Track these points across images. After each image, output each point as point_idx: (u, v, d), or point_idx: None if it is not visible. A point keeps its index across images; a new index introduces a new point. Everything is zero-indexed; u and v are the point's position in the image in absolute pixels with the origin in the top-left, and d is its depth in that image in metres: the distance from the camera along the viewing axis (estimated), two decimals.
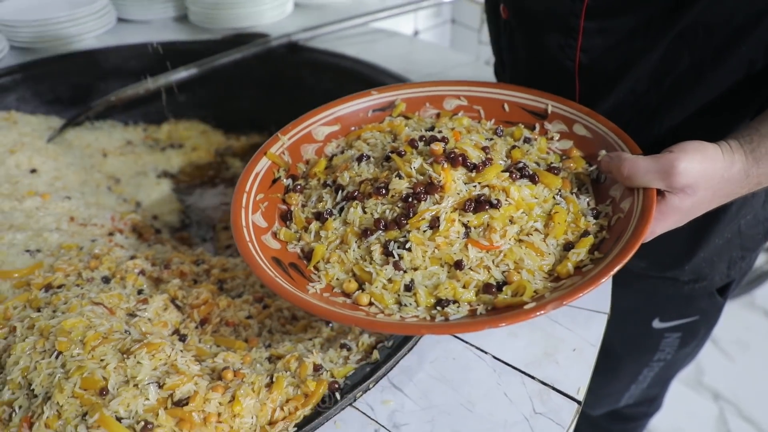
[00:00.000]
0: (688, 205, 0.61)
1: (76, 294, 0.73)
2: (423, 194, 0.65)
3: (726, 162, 0.59)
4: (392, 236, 0.65)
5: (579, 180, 0.71)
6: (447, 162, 0.67)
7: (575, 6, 0.72)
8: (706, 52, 0.67)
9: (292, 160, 0.79)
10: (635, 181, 0.61)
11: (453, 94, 0.83)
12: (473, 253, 0.62)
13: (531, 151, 0.73)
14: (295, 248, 0.70)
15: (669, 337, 0.99)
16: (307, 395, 0.62)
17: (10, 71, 1.34)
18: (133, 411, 0.56)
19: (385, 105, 0.85)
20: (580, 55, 0.75)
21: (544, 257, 0.63)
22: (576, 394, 0.63)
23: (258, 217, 0.70)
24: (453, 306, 0.59)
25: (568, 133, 0.76)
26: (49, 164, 1.16)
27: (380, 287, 0.62)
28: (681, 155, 0.58)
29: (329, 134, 0.83)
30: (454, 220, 0.63)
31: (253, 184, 0.73)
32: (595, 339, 0.70)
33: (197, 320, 0.76)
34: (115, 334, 0.64)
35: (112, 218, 1.05)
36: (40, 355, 0.62)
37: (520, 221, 0.64)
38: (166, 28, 1.61)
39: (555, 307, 0.53)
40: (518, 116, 0.80)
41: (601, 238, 0.64)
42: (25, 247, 0.86)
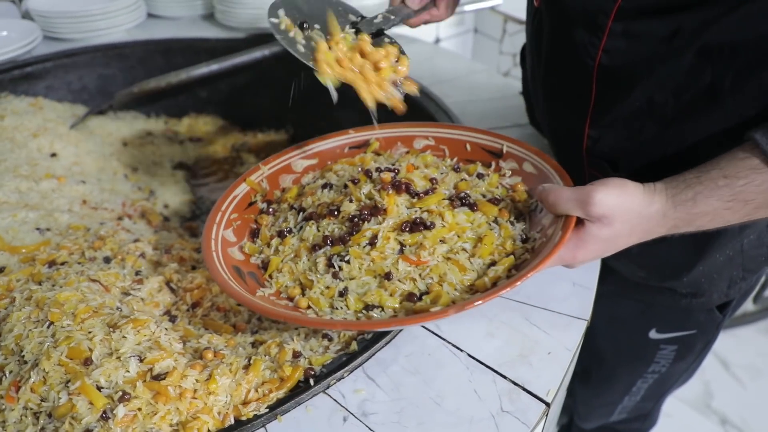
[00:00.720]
0: (606, 234, 0.65)
1: (77, 271, 0.76)
2: (368, 216, 0.74)
3: (645, 200, 0.64)
4: (336, 251, 0.73)
5: (518, 210, 0.77)
6: (392, 189, 0.76)
7: (608, 4, 0.71)
8: (728, 72, 0.67)
9: (270, 188, 0.88)
10: (558, 208, 0.67)
11: (422, 135, 0.92)
12: (403, 266, 0.69)
13: (480, 184, 0.80)
14: (257, 260, 0.78)
15: (665, 349, 0.99)
16: (282, 379, 0.64)
17: (42, 60, 1.40)
18: (113, 381, 0.59)
19: (360, 143, 0.93)
20: (602, 55, 0.75)
21: (466, 273, 0.69)
22: (545, 395, 0.64)
23: (229, 232, 0.79)
24: (377, 310, 0.67)
25: (519, 171, 0.83)
26: (70, 150, 1.20)
27: (318, 293, 0.70)
28: (599, 187, 0.63)
29: (307, 167, 0.92)
30: (390, 238, 0.71)
31: (230, 204, 0.82)
32: (572, 344, 0.71)
33: (189, 303, 0.78)
34: (106, 309, 0.68)
35: (123, 204, 1.09)
36: (33, 324, 0.65)
37: (450, 242, 0.71)
38: (193, 25, 1.66)
39: (457, 310, 0.59)
40: (478, 155, 0.88)
41: (523, 260, 0.70)
42: (36, 225, 0.90)
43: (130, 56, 1.51)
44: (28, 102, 1.30)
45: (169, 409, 0.58)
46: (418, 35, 1.66)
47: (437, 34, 2.10)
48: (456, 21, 2.15)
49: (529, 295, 0.77)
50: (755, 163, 0.60)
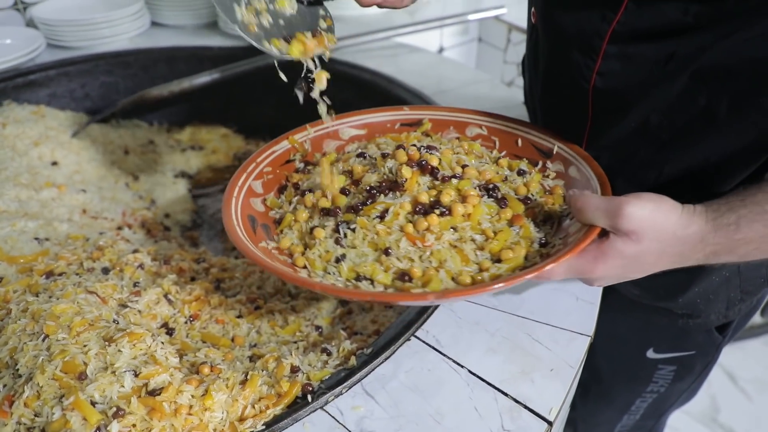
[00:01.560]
0: (632, 251, 0.60)
1: (74, 282, 0.76)
2: (386, 190, 0.72)
3: (682, 220, 0.59)
4: (347, 218, 0.71)
5: (548, 214, 0.73)
6: (417, 167, 0.73)
7: (602, 27, 0.71)
8: (723, 95, 0.66)
9: (312, 150, 0.86)
10: (584, 216, 0.62)
11: (476, 123, 0.89)
12: (404, 244, 0.67)
13: (516, 180, 0.77)
14: (275, 214, 0.78)
15: (663, 369, 0.97)
16: (279, 395, 0.63)
17: (45, 67, 1.40)
18: (107, 397, 0.58)
19: (413, 121, 0.90)
20: (596, 77, 0.75)
21: (468, 264, 0.66)
22: (548, 414, 0.63)
23: (257, 183, 0.79)
24: (366, 283, 0.65)
25: (563, 174, 0.79)
26: (71, 158, 1.20)
27: (316, 255, 0.69)
28: (633, 200, 0.58)
29: (354, 136, 0.90)
30: (400, 215, 0.69)
31: (267, 158, 0.82)
32: (575, 361, 0.69)
33: (187, 315, 0.78)
34: (102, 322, 0.67)
35: (123, 213, 1.08)
36: (28, 336, 0.64)
37: (461, 231, 0.68)
38: (196, 34, 1.66)
39: (435, 297, 0.59)
40: (528, 152, 0.84)
41: (532, 263, 0.66)
42: (34, 235, 0.90)
43: (133, 64, 1.51)
44: (30, 110, 1.30)
45: (164, 425, 0.57)
46: (422, 45, 1.65)
47: (441, 43, 2.10)
48: (460, 30, 2.15)
49: (531, 310, 0.76)
50: None
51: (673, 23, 0.65)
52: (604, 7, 0.70)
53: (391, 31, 1.50)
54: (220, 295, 0.83)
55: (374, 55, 1.49)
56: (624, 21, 0.69)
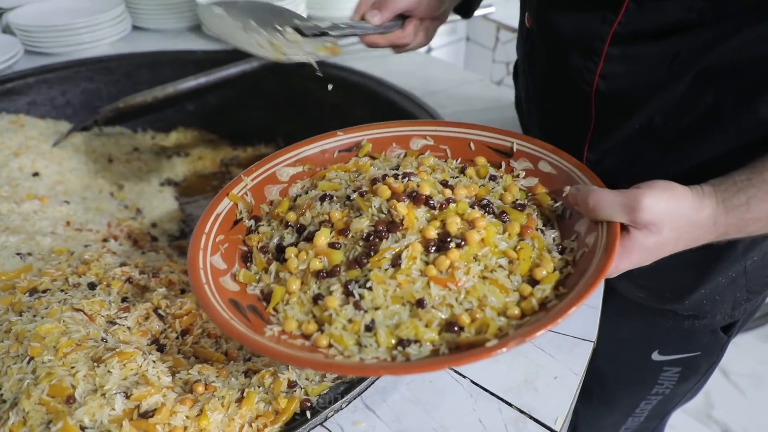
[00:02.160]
0: (653, 243, 0.59)
1: (59, 299, 0.73)
2: (385, 232, 0.64)
3: (694, 205, 0.58)
4: (353, 276, 0.63)
5: (544, 216, 0.70)
6: (409, 199, 0.67)
7: (603, 29, 0.69)
8: (730, 94, 0.65)
9: (256, 201, 0.77)
10: (600, 213, 0.60)
11: (419, 134, 0.83)
12: (435, 290, 0.60)
13: (496, 188, 0.73)
14: (254, 290, 0.68)
15: (668, 371, 0.96)
16: (277, 412, 0.61)
17: (23, 75, 1.36)
18: (98, 421, 0.56)
19: (351, 145, 0.84)
20: (599, 80, 0.73)
21: (508, 294, 0.61)
22: (553, 424, 0.61)
23: (217, 258, 0.68)
24: (415, 346, 0.57)
25: (534, 171, 0.75)
26: (53, 168, 1.17)
27: (340, 328, 0.60)
28: (647, 191, 0.57)
29: (294, 175, 0.81)
30: (416, 258, 0.62)
31: (213, 225, 0.71)
32: (579, 368, 0.68)
33: (178, 330, 0.75)
34: (90, 342, 0.64)
35: (108, 224, 1.05)
36: (12, 359, 0.62)
37: (484, 259, 0.63)
38: (179, 38, 1.63)
39: (518, 344, 0.52)
40: (484, 155, 0.80)
41: (566, 274, 0.62)
42: (16, 250, 0.87)
43: (116, 70, 1.48)
44: (8, 119, 1.26)
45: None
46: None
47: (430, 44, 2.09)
48: (448, 30, 2.14)
49: None
50: None
51: (676, 21, 0.64)
52: (605, 8, 0.69)
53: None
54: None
55: (363, 56, 1.47)
56: (625, 21, 0.68)
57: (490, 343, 0.53)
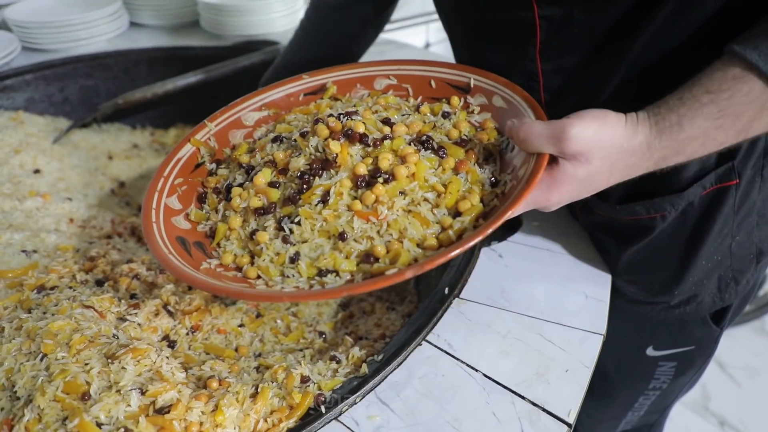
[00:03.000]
0: (583, 173, 0.59)
1: (68, 296, 0.73)
2: (319, 170, 0.67)
3: (627, 132, 0.58)
4: (287, 212, 0.66)
5: (487, 151, 0.71)
6: (344, 138, 0.68)
7: (529, 51, 0.73)
8: (663, 76, 0.66)
9: (219, 146, 0.79)
10: (529, 145, 0.61)
11: (383, 74, 0.84)
12: (358, 224, 0.63)
13: (445, 125, 0.74)
14: (204, 228, 0.72)
15: (664, 366, 0.97)
16: (292, 407, 0.61)
17: (21, 72, 1.35)
18: (113, 417, 0.56)
19: (316, 88, 0.85)
20: (544, 95, 0.76)
21: (429, 226, 0.63)
22: (567, 416, 0.62)
23: (173, 200, 0.72)
24: (332, 276, 0.61)
25: (488, 106, 0.76)
26: (54, 165, 1.16)
27: (267, 260, 0.64)
28: (575, 121, 0.57)
29: (259, 119, 0.83)
30: (343, 194, 0.65)
31: (173, 169, 0.75)
32: (589, 360, 0.68)
33: (188, 327, 0.75)
34: (102, 338, 0.64)
35: (111, 221, 1.05)
36: (25, 356, 0.61)
37: (411, 193, 0.65)
38: (177, 34, 1.62)
39: (415, 272, 0.55)
40: (444, 92, 0.80)
41: (492, 206, 0.63)
42: (21, 248, 0.86)
43: (113, 67, 1.47)
44: (7, 116, 1.25)
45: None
46: (408, 41, 1.64)
47: (427, 39, 2.08)
48: None
49: (541, 309, 0.75)
50: (736, 72, 0.55)
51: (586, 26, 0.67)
52: (525, 32, 0.72)
53: None
54: (219, 304, 0.81)
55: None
56: (545, 38, 0.71)
57: (390, 272, 0.57)
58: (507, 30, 0.74)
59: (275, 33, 1.60)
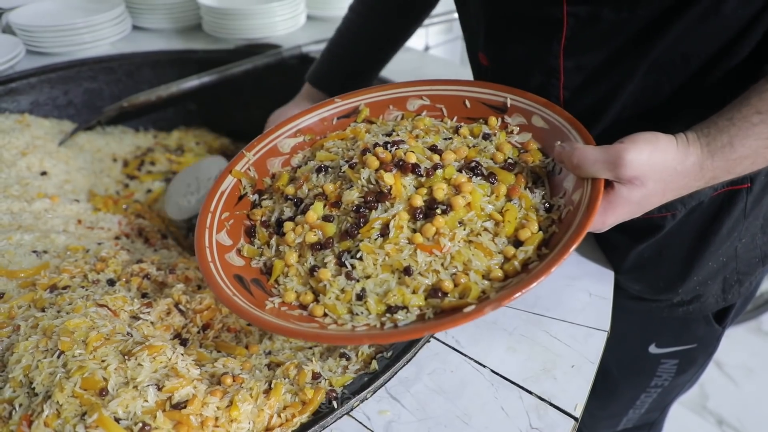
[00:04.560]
0: (638, 196, 0.60)
1: (81, 295, 0.74)
2: (374, 203, 0.66)
3: (679, 154, 0.59)
4: (345, 246, 0.66)
5: (535, 173, 0.71)
6: (396, 169, 0.68)
7: (553, 47, 0.73)
8: (684, 79, 0.68)
9: (259, 175, 0.79)
10: (584, 170, 0.61)
11: (415, 95, 0.83)
12: (422, 257, 0.62)
13: (488, 147, 0.73)
14: (258, 263, 0.71)
15: (666, 363, 0.98)
16: (304, 403, 0.62)
17: (26, 75, 1.36)
18: (131, 412, 0.57)
19: (349, 111, 0.84)
20: (564, 92, 0.77)
21: (492, 257, 0.63)
22: (573, 410, 0.63)
23: (222, 235, 0.71)
24: (402, 312, 0.60)
25: (527, 126, 0.75)
26: (60, 167, 1.17)
27: (333, 298, 0.64)
28: (630, 146, 0.58)
29: (295, 146, 0.83)
30: (403, 226, 0.64)
31: (218, 203, 0.74)
32: (594, 356, 0.70)
33: (199, 325, 0.76)
34: (117, 336, 0.65)
35: (119, 222, 1.06)
36: (42, 354, 0.62)
37: (470, 223, 0.64)
38: (180, 37, 1.64)
39: (494, 308, 0.54)
40: (479, 111, 0.80)
41: (551, 233, 0.63)
42: (32, 248, 0.87)
43: (117, 70, 1.48)
44: (13, 119, 1.26)
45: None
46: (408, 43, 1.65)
47: (426, 42, 2.10)
48: (444, 29, 2.15)
49: (546, 307, 0.76)
50: None
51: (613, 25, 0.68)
52: (550, 28, 0.72)
53: None
54: None
55: None
56: (570, 36, 0.72)
57: (468, 309, 0.56)
58: (533, 25, 0.74)
59: (277, 36, 1.62)
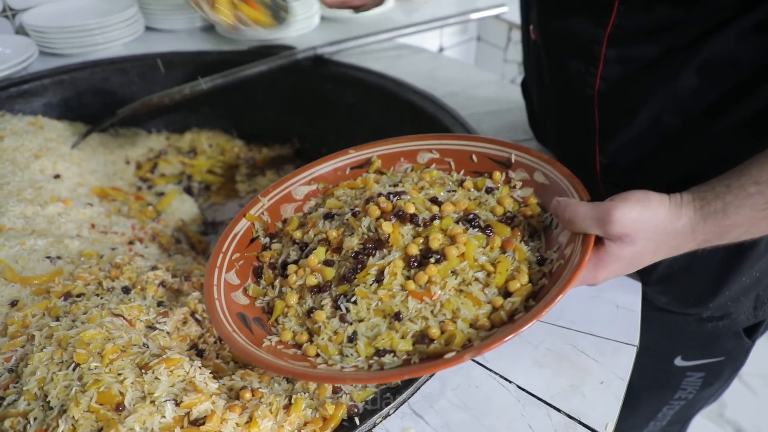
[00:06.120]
0: (628, 253, 0.60)
1: (96, 304, 0.72)
2: (372, 250, 0.69)
3: (671, 215, 0.59)
4: (342, 290, 0.68)
5: (532, 227, 0.72)
6: (396, 218, 0.70)
7: (598, 33, 0.71)
8: (732, 86, 0.65)
9: (272, 219, 0.82)
10: (575, 226, 0.62)
11: (425, 148, 0.86)
12: (412, 304, 0.64)
13: (489, 200, 0.75)
14: (261, 303, 0.73)
15: (691, 376, 0.96)
16: (325, 419, 0.61)
17: (38, 76, 1.35)
18: (149, 428, 0.55)
19: (362, 162, 0.88)
20: (600, 82, 0.74)
21: (481, 306, 0.64)
22: (604, 429, 0.61)
23: (231, 275, 0.74)
24: (389, 356, 0.62)
25: (530, 181, 0.77)
26: (73, 170, 1.16)
27: (326, 339, 0.65)
28: (619, 204, 0.58)
29: (308, 193, 0.86)
30: (397, 273, 0.66)
31: (231, 244, 0.77)
32: (624, 372, 0.68)
33: (216, 335, 0.74)
34: (134, 348, 0.63)
35: (132, 227, 1.04)
36: (57, 366, 0.61)
37: (462, 273, 0.65)
38: (193, 38, 1.62)
39: (473, 356, 0.55)
40: (485, 166, 0.82)
41: (540, 285, 0.64)
42: (45, 254, 0.86)
43: (129, 71, 1.47)
44: (27, 121, 1.25)
45: None
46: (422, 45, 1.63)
47: (441, 43, 2.08)
48: (459, 29, 2.13)
49: (573, 320, 0.74)
50: None
51: (666, 18, 0.65)
52: (597, 12, 0.70)
53: (394, 32, 1.47)
54: None
55: (378, 56, 1.47)
56: (618, 23, 0.69)
57: (448, 355, 0.57)
58: (583, 5, 0.72)
59: (291, 37, 1.60)
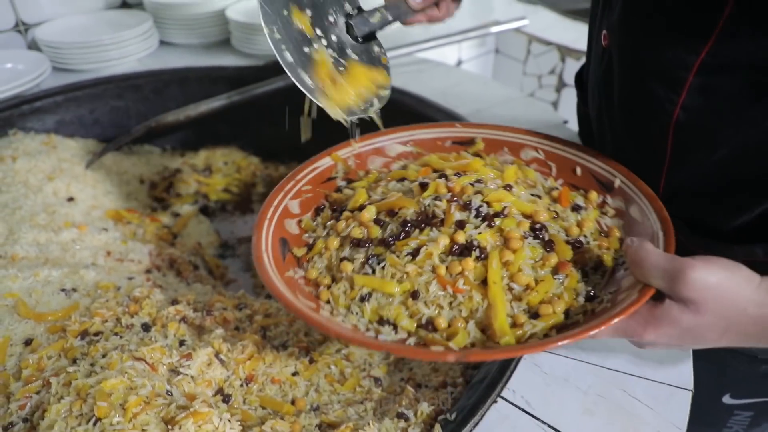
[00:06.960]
0: (689, 322, 0.52)
1: (115, 345, 0.68)
2: (422, 224, 0.66)
3: (758, 296, 0.50)
4: (377, 251, 0.66)
5: (600, 260, 0.65)
6: (456, 204, 0.67)
7: (689, 58, 0.63)
8: None
9: (357, 167, 0.81)
10: (641, 271, 0.54)
11: (532, 145, 0.81)
12: (434, 288, 0.61)
13: (570, 217, 0.69)
14: (309, 238, 0.73)
15: (739, 415, 0.91)
16: None
17: (51, 93, 1.32)
18: None
19: (465, 139, 0.84)
20: (680, 111, 0.67)
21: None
22: None
23: (295, 203, 0.75)
24: (388, 327, 0.60)
25: (623, 213, 0.71)
26: (87, 192, 1.12)
27: (341, 291, 0.64)
28: (699, 264, 0.50)
29: (402, 153, 0.84)
30: (432, 254, 0.63)
31: (307, 175, 0.77)
32: (681, 421, 0.63)
33: (242, 378, 0.70)
34: (158, 399, 0.59)
35: (149, 253, 1.00)
36: (76, 419, 0.57)
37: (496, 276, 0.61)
38: (208, 53, 1.58)
39: (458, 359, 0.53)
40: (586, 182, 0.76)
41: (574, 321, 0.58)
42: (60, 286, 0.82)
43: (144, 87, 1.43)
44: (40, 140, 1.22)
45: None
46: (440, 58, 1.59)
47: (459, 56, 2.04)
48: (477, 42, 2.09)
49: (620, 361, 0.69)
50: None
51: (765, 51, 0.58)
52: (694, 37, 0.63)
53: (414, 47, 1.43)
54: (270, 348, 0.76)
55: (398, 71, 1.42)
56: (714, 52, 0.62)
57: (435, 348, 0.56)
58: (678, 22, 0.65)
59: None
